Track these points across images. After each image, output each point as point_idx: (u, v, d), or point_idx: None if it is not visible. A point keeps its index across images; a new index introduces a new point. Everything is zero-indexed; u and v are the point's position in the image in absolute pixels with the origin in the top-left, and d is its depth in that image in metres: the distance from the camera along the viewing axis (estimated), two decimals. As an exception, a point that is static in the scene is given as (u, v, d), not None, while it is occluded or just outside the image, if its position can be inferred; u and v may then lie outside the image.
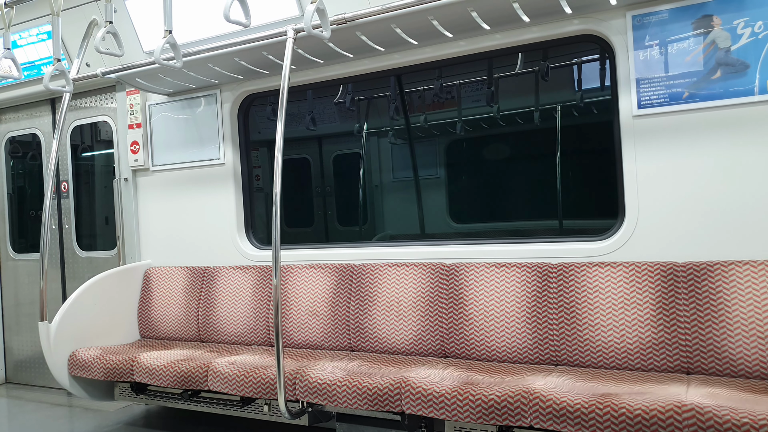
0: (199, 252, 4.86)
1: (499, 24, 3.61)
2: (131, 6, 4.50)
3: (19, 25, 5.10)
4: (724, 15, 3.16)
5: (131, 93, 5.08)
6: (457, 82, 6.18)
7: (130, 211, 5.15)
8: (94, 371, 4.18)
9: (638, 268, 3.31)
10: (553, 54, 5.54)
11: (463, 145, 6.76)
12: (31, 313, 5.81)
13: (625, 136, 3.44)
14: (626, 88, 3.42)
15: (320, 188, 7.74)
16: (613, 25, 3.45)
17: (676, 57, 3.29)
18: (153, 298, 4.83)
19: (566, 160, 5.78)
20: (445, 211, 6.75)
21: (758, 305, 3.01)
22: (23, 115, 5.90)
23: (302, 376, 3.42)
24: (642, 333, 3.22)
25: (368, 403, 3.20)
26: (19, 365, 5.92)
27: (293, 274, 4.31)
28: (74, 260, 5.59)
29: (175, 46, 3.74)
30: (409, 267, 3.94)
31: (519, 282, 3.58)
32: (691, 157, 3.29)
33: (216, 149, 4.77)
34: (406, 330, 3.84)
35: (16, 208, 6.13)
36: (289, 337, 4.22)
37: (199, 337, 4.62)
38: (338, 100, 6.75)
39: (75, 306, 4.41)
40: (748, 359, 2.99)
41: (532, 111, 5.97)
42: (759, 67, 3.10)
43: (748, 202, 3.16)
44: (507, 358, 3.53)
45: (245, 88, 4.65)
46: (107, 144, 5.47)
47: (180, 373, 3.84)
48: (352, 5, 3.65)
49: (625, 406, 2.59)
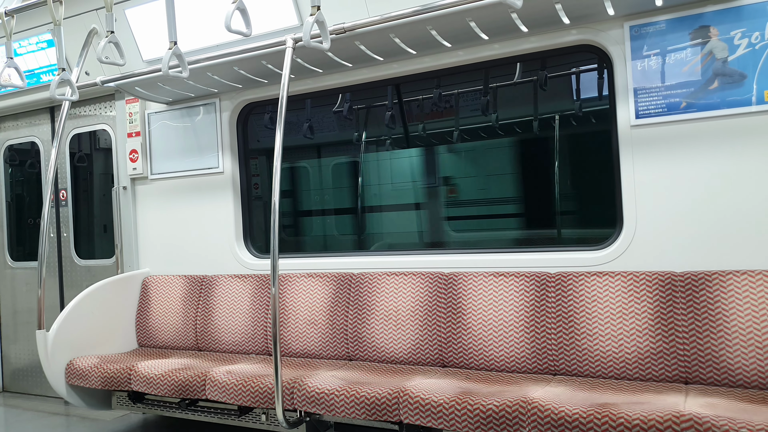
0: (197, 260, 4.85)
1: (498, 34, 3.63)
2: (131, 15, 4.52)
3: (19, 33, 5.12)
4: (721, 26, 3.18)
5: (130, 101, 5.09)
6: (455, 92, 6.19)
7: (128, 220, 5.15)
8: (92, 380, 4.16)
9: (636, 277, 3.31)
10: (551, 63, 5.56)
11: (463, 154, 6.77)
12: (28, 321, 5.80)
13: (622, 145, 3.45)
14: (624, 97, 3.44)
15: (319, 196, 7.74)
16: (611, 35, 3.46)
17: (674, 67, 3.30)
18: (151, 307, 4.82)
19: (564, 169, 5.78)
20: (443, 220, 6.75)
21: (756, 315, 3.01)
22: (22, 123, 5.91)
23: (300, 386, 3.41)
24: (640, 343, 3.22)
25: (366, 412, 3.19)
26: (16, 374, 5.90)
27: (291, 282, 4.30)
28: (72, 268, 5.59)
29: (180, 57, 3.76)
30: (407, 276, 3.94)
31: (517, 291, 3.58)
32: (688, 167, 3.29)
33: (215, 158, 4.77)
34: (404, 339, 3.84)
35: (15, 216, 6.13)
36: (287, 346, 4.21)
37: (197, 346, 4.60)
38: (337, 109, 6.76)
39: (73, 314, 4.40)
40: (746, 369, 2.99)
41: (531, 120, 5.98)
42: (756, 78, 3.11)
43: (745, 211, 3.17)
44: (505, 368, 3.53)
45: (244, 97, 4.67)
46: (106, 152, 5.47)
47: (178, 382, 3.83)
48: (352, 15, 3.66)
49: (623, 416, 2.59)
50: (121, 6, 4.47)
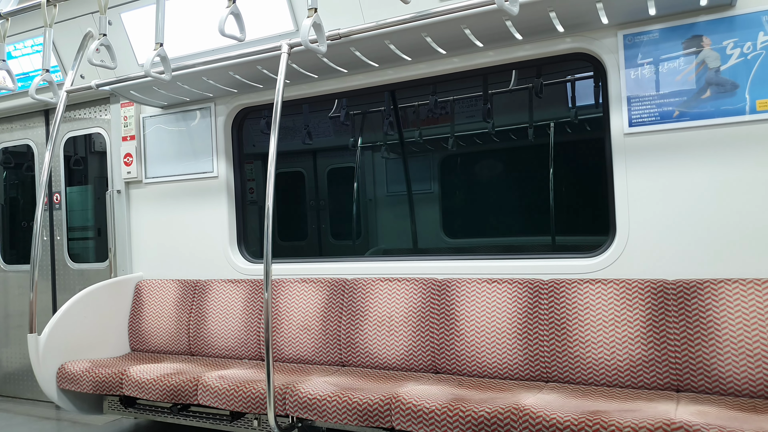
0: (190, 265, 4.85)
1: (493, 41, 3.64)
2: (127, 19, 4.52)
3: (13, 36, 5.12)
4: (714, 35, 3.20)
5: (125, 105, 5.08)
6: (451, 98, 6.21)
7: (122, 224, 5.14)
8: (83, 384, 4.14)
9: (629, 285, 3.31)
10: (546, 71, 5.58)
11: (458, 161, 6.79)
12: (20, 324, 5.77)
13: (616, 153, 3.46)
14: (617, 106, 3.45)
15: (314, 202, 7.75)
16: (605, 43, 3.48)
17: (667, 76, 3.32)
18: (144, 311, 4.80)
19: (559, 176, 5.80)
20: (438, 226, 6.76)
21: (747, 323, 3.01)
22: (17, 126, 5.90)
23: (292, 391, 3.40)
24: (632, 350, 3.22)
25: (358, 418, 3.18)
26: (7, 377, 5.87)
27: (285, 288, 4.30)
28: (65, 272, 5.57)
29: (164, 59, 3.73)
30: (401, 282, 3.94)
31: (510, 298, 3.58)
32: (681, 176, 3.31)
33: (209, 162, 4.77)
34: (397, 345, 3.83)
35: (8, 219, 6.11)
36: (279, 352, 4.20)
37: (190, 351, 4.59)
38: (333, 114, 6.77)
39: (65, 318, 4.39)
40: (738, 377, 2.99)
41: (526, 127, 6.00)
42: (748, 87, 3.13)
43: (737, 220, 3.18)
44: (498, 375, 3.53)
45: (239, 102, 4.67)
46: (100, 156, 5.47)
47: (170, 386, 3.82)
48: (347, 21, 3.67)
49: (615, 423, 2.59)
50: (117, 10, 4.47)
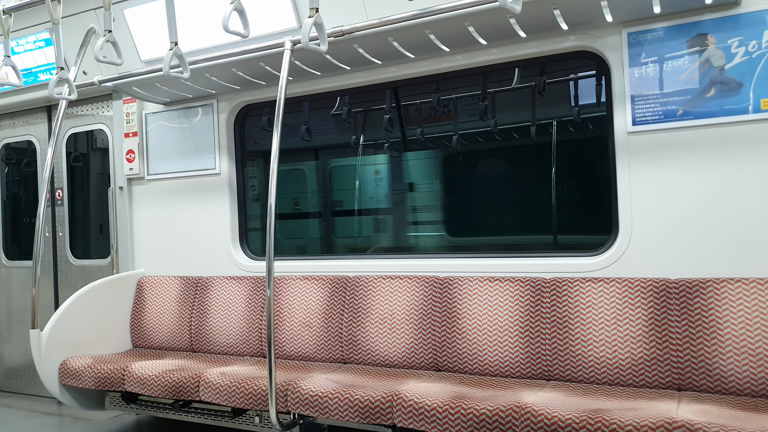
0: (192, 262, 4.85)
1: (496, 39, 3.63)
2: (129, 15, 4.52)
3: (16, 32, 5.11)
4: (719, 34, 3.19)
5: (128, 101, 5.08)
6: (454, 96, 6.19)
7: (124, 220, 5.14)
8: (85, 380, 4.15)
9: (631, 284, 3.31)
10: (549, 69, 5.57)
11: (460, 159, 6.77)
12: (22, 320, 5.78)
13: (619, 152, 3.46)
14: (621, 104, 3.44)
15: (316, 199, 7.74)
16: (609, 41, 3.47)
17: (671, 74, 3.31)
18: (146, 308, 4.81)
19: (561, 174, 5.79)
20: (440, 224, 6.75)
21: (749, 323, 3.01)
22: (19, 122, 5.90)
23: (294, 388, 3.40)
24: (634, 349, 3.22)
25: (360, 415, 3.18)
26: (9, 373, 5.88)
27: (287, 285, 4.30)
28: (67, 268, 5.57)
29: (182, 58, 3.75)
30: (402, 280, 3.94)
31: (512, 296, 3.58)
32: (684, 175, 3.30)
33: (212, 159, 4.77)
34: (399, 343, 3.83)
35: (10, 215, 6.11)
36: (281, 349, 4.20)
37: (192, 347, 4.60)
38: (335, 112, 6.76)
39: (67, 314, 4.39)
40: (739, 376, 2.99)
41: (529, 125, 5.99)
42: (753, 86, 3.12)
43: (740, 219, 3.18)
44: (499, 372, 3.53)
45: (242, 99, 4.67)
46: (103, 152, 5.47)
47: (171, 383, 3.82)
48: (350, 18, 3.67)
49: (616, 421, 2.59)
50: (119, 6, 4.47)
